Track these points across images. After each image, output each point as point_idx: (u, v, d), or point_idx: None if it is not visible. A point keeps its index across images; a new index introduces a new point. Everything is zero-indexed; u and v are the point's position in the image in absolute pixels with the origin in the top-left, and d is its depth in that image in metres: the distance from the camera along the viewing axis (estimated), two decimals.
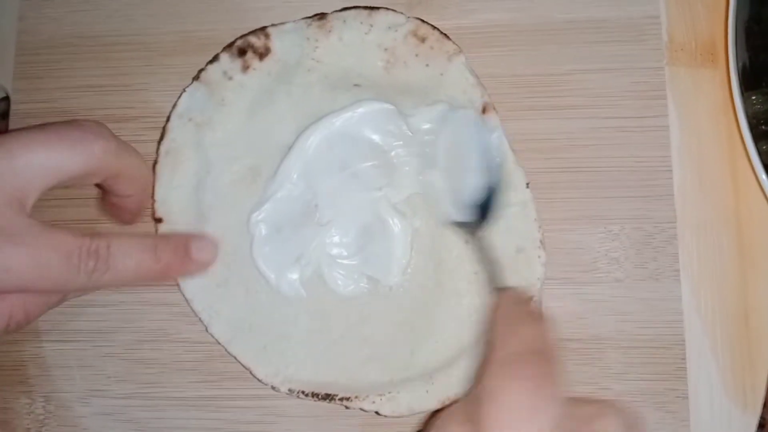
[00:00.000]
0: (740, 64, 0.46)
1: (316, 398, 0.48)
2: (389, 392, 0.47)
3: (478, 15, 0.51)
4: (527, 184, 0.48)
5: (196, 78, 0.50)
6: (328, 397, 0.47)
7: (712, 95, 0.50)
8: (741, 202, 0.49)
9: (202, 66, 0.51)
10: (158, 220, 0.49)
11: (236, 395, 0.50)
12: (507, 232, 0.48)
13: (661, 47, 0.50)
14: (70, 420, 0.50)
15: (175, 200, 0.50)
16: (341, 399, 0.47)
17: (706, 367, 0.48)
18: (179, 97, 0.50)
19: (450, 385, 0.47)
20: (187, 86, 0.50)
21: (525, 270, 0.47)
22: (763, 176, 0.45)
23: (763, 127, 0.48)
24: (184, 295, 0.49)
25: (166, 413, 0.50)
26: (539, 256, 0.47)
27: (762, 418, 0.50)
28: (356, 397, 0.47)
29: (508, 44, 0.50)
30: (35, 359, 0.51)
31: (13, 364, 0.51)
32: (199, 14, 0.52)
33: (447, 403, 0.47)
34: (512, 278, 0.46)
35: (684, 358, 0.48)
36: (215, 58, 0.50)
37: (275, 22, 0.51)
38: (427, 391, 0.47)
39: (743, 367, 0.48)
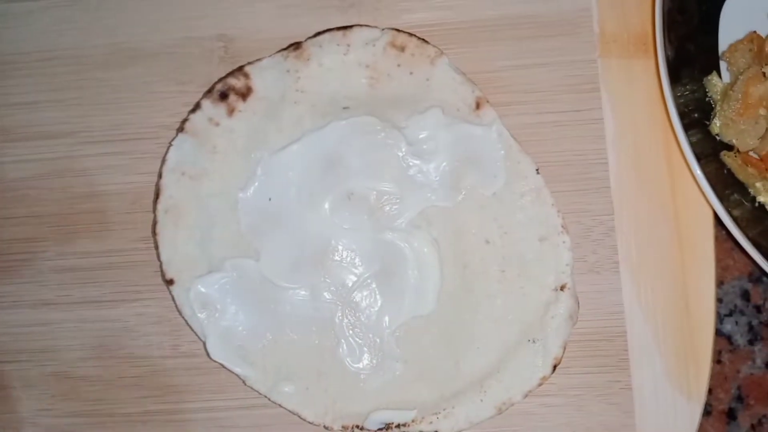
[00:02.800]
0: (668, 53, 0.46)
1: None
2: (444, 409, 0.46)
3: (409, 15, 0.51)
4: (537, 169, 0.47)
5: (181, 129, 0.49)
6: (386, 426, 0.47)
7: (645, 86, 0.50)
8: (677, 191, 0.49)
9: (136, 77, 0.51)
10: (170, 282, 0.48)
11: (181, 409, 0.49)
12: (527, 222, 0.47)
13: (593, 40, 0.50)
14: None
15: (183, 259, 0.48)
16: (398, 426, 0.46)
17: (649, 357, 0.48)
18: (166, 151, 0.49)
19: (503, 390, 0.46)
20: (173, 139, 0.49)
21: (552, 258, 0.47)
22: (694, 164, 0.45)
23: (695, 115, 0.48)
24: (210, 357, 0.47)
25: (112, 430, 0.50)
26: (564, 241, 0.47)
27: (709, 405, 0.50)
28: (413, 421, 0.46)
29: (440, 43, 0.49)
30: None
31: None
32: (128, 26, 0.52)
33: (504, 408, 0.46)
34: (539, 269, 0.46)
35: (626, 350, 0.48)
36: (197, 107, 0.49)
37: (216, 31, 0.51)
38: (481, 400, 0.46)
39: (686, 355, 0.48)
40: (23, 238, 0.51)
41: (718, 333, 0.51)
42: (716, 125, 0.48)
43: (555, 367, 0.46)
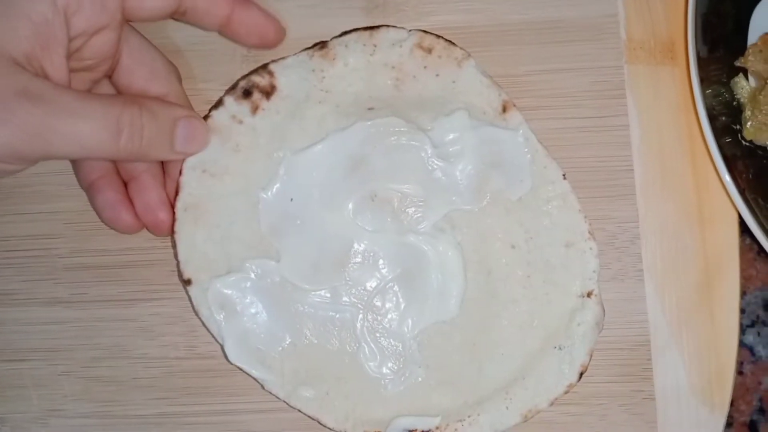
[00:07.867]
0: (699, 58, 0.46)
1: None
2: (468, 416, 0.46)
3: (435, 17, 0.50)
4: (564, 175, 0.47)
5: None
6: None
7: (671, 92, 0.50)
8: (703, 199, 0.48)
9: None
10: (187, 282, 0.47)
11: (196, 411, 0.49)
12: (552, 228, 0.47)
13: (620, 46, 0.50)
14: None
15: (201, 258, 0.47)
16: None
17: (673, 367, 0.47)
18: None
19: (528, 397, 0.46)
20: None
21: (578, 265, 0.46)
22: (724, 170, 0.45)
23: (723, 118, 0.48)
24: (228, 359, 0.46)
25: None
26: (591, 248, 0.46)
27: (730, 416, 0.50)
28: (437, 428, 0.46)
29: (466, 46, 0.49)
30: None
31: None
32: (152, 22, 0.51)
33: (529, 416, 0.46)
34: (565, 276, 0.46)
35: (650, 359, 0.47)
36: (219, 103, 0.48)
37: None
38: (506, 408, 0.46)
39: (710, 366, 0.47)
40: (38, 234, 0.50)
41: (740, 344, 0.50)
42: (749, 130, 0.48)
43: (581, 374, 0.46)
